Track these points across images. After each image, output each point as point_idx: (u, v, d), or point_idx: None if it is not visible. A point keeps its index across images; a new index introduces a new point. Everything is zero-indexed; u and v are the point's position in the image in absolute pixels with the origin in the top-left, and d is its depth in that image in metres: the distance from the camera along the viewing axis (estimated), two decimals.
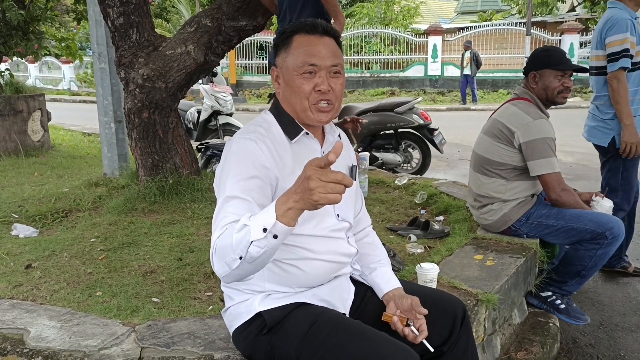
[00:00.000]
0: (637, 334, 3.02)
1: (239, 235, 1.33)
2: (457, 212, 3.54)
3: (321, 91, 1.60)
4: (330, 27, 1.66)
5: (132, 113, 3.74)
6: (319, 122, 1.66)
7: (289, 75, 1.62)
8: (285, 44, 1.64)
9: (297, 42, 1.62)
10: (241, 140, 1.60)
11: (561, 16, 23.54)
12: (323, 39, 1.63)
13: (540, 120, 2.86)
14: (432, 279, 2.22)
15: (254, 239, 1.30)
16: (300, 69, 1.59)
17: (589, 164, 7.61)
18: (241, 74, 20.17)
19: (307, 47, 1.60)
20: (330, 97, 1.62)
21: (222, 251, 1.37)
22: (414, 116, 6.20)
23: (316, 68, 1.59)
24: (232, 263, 1.35)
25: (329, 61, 1.61)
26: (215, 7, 3.69)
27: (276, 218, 1.29)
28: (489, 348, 2.46)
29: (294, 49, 1.61)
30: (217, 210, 1.50)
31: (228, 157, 1.59)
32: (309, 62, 1.59)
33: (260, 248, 1.31)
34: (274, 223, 1.29)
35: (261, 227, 1.30)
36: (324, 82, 1.60)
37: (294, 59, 1.61)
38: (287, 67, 1.62)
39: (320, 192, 1.25)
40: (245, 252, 1.31)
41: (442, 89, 18.80)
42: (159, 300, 2.32)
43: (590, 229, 2.74)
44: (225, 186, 1.52)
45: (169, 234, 3.15)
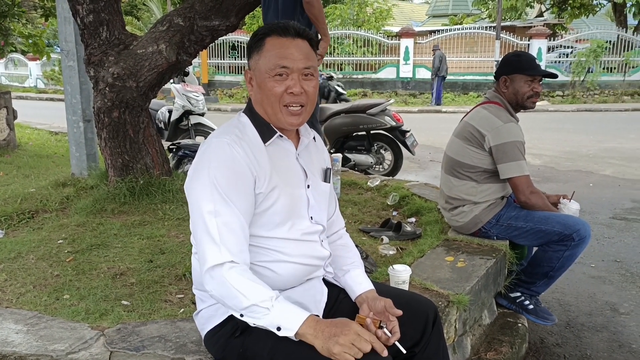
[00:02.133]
0: (603, 334, 3.09)
1: (256, 309, 1.44)
2: (429, 214, 3.57)
3: (293, 93, 1.59)
4: (303, 28, 1.65)
5: (101, 112, 3.67)
6: (290, 126, 1.66)
7: (261, 78, 1.61)
8: (258, 47, 1.63)
9: (269, 44, 1.61)
10: (217, 144, 1.58)
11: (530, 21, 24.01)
12: (295, 41, 1.62)
13: (510, 124, 2.90)
14: (404, 281, 2.24)
15: (262, 326, 1.46)
16: (272, 71, 1.59)
17: (556, 166, 7.78)
18: (213, 73, 20.02)
19: (279, 50, 1.59)
20: (302, 99, 1.61)
21: (229, 294, 1.47)
22: (386, 118, 6.24)
23: (288, 70, 1.59)
24: (230, 308, 1.49)
25: (301, 63, 1.60)
26: (188, 6, 3.65)
27: (294, 334, 1.43)
28: (459, 348, 2.49)
29: (266, 51, 1.61)
30: (204, 223, 1.52)
31: (205, 161, 1.57)
32: (281, 64, 1.58)
33: (260, 324, 1.46)
34: (290, 335, 1.44)
35: (277, 325, 1.44)
36: (296, 84, 1.59)
37: (266, 61, 1.60)
38: (260, 69, 1.61)
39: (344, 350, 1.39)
40: (249, 320, 1.47)
41: (413, 91, 18.98)
42: (128, 303, 2.28)
43: (557, 231, 2.79)
44: (205, 195, 1.53)
45: (139, 235, 3.10)
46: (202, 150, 1.61)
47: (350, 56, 19.81)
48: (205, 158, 1.57)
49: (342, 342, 1.39)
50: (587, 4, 23.23)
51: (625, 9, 21.05)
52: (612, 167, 7.69)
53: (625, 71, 19.03)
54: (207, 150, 1.59)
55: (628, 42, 19.26)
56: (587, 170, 7.54)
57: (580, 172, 7.40)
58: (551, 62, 19.96)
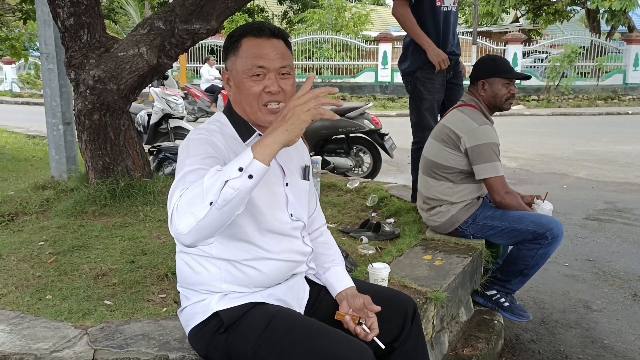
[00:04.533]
0: (576, 330, 3.18)
1: (211, 180, 1.34)
2: (407, 215, 3.64)
3: (271, 92, 1.63)
4: (278, 28, 1.69)
5: (82, 115, 3.68)
6: (269, 124, 1.69)
7: (239, 78, 1.64)
8: (234, 48, 1.66)
9: (245, 45, 1.64)
10: (196, 137, 1.62)
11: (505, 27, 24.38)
12: (271, 41, 1.65)
13: (485, 126, 2.98)
14: (383, 278, 2.29)
15: (228, 178, 1.32)
16: (249, 71, 1.62)
17: (531, 169, 7.93)
18: (191, 77, 19.93)
19: (255, 50, 1.63)
20: (280, 97, 1.64)
21: (188, 203, 1.35)
22: (365, 121, 6.31)
23: (265, 70, 1.62)
24: (201, 211, 1.33)
25: (277, 63, 1.63)
26: (169, 10, 3.67)
27: (253, 156, 1.34)
28: (437, 344, 2.55)
29: (242, 52, 1.64)
30: (175, 183, 1.48)
31: (185, 152, 1.59)
32: (257, 64, 1.61)
33: (233, 190, 1.32)
34: (250, 161, 1.34)
35: (237, 167, 1.33)
36: (273, 83, 1.62)
37: (243, 62, 1.63)
38: (237, 70, 1.65)
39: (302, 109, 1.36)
40: (218, 195, 1.32)
41: (392, 95, 19.11)
42: (111, 303, 2.30)
43: (531, 230, 2.87)
44: (184, 164, 1.52)
45: (120, 236, 3.11)
46: (182, 147, 1.64)
47: (329, 60, 19.89)
48: (185, 150, 1.59)
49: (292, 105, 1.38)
50: (561, 10, 23.69)
51: (599, 15, 21.51)
52: (585, 170, 7.86)
53: (598, 76, 19.42)
54: (187, 144, 1.61)
55: (601, 47, 19.66)
56: (561, 172, 7.70)
57: (554, 175, 7.55)
58: (526, 67, 20.29)
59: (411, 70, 3.96)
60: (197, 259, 1.69)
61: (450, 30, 3.94)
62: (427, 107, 3.89)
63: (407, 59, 3.98)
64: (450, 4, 3.89)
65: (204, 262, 1.67)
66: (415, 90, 3.91)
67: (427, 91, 3.88)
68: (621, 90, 19.26)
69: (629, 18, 21.13)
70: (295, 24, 24.37)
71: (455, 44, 4.01)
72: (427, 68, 3.86)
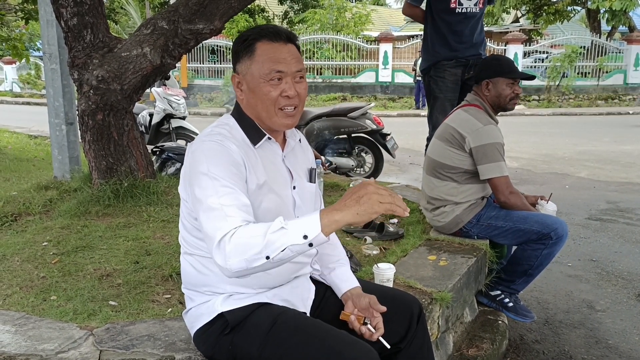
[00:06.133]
0: (580, 330, 3.18)
1: (273, 237, 1.38)
2: (411, 215, 3.63)
3: (288, 97, 1.63)
4: (292, 33, 1.69)
5: (85, 115, 3.67)
6: (285, 127, 1.70)
7: (255, 83, 1.63)
8: (249, 52, 1.64)
9: (261, 49, 1.63)
10: (208, 143, 1.60)
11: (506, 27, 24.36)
12: (287, 45, 1.65)
13: (490, 126, 2.98)
14: (388, 279, 2.29)
15: (290, 244, 1.38)
16: (267, 76, 1.61)
17: (533, 169, 7.93)
18: (192, 77, 19.93)
19: (273, 54, 1.62)
20: (295, 101, 1.65)
21: (245, 247, 1.39)
22: (367, 121, 6.31)
23: (283, 74, 1.62)
24: (255, 261, 1.39)
25: (294, 67, 1.63)
26: (172, 10, 3.67)
27: (321, 229, 1.38)
28: (442, 345, 2.54)
29: (259, 56, 1.62)
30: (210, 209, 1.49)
31: (199, 161, 1.57)
32: (276, 69, 1.61)
33: (292, 252, 1.39)
34: (317, 234, 1.38)
35: (302, 234, 1.37)
36: (291, 87, 1.62)
37: (260, 66, 1.62)
38: (252, 74, 1.63)
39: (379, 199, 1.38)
40: (277, 253, 1.38)
41: (392, 95, 19.13)
42: (116, 304, 2.30)
43: (536, 230, 2.87)
44: (208, 192, 1.52)
45: (124, 237, 3.11)
46: (192, 152, 1.63)
47: (329, 60, 19.89)
48: (199, 158, 1.58)
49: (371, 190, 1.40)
50: (561, 10, 23.67)
51: (599, 15, 21.50)
52: (587, 170, 7.86)
53: (599, 76, 19.42)
54: (199, 151, 1.60)
55: (602, 47, 19.67)
56: (563, 172, 7.70)
57: (556, 175, 7.55)
58: (527, 67, 20.29)
59: (424, 68, 4.05)
60: (202, 261, 1.69)
61: (467, 31, 3.97)
62: (437, 105, 3.95)
63: (422, 57, 4.12)
64: (470, 5, 3.91)
65: (208, 264, 1.67)
66: (429, 88, 4.01)
67: (439, 89, 3.93)
68: (622, 90, 19.26)
69: (630, 18, 21.12)
70: (296, 24, 24.35)
71: (476, 44, 4.04)
72: (439, 66, 3.90)
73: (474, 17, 3.99)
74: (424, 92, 4.39)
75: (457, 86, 3.97)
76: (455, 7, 3.91)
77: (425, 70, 4.11)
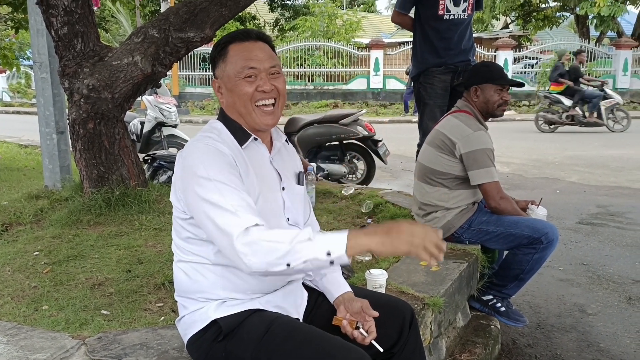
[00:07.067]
0: (572, 334, 3.19)
1: (298, 246, 1.41)
2: None
3: (264, 91, 1.67)
4: (262, 32, 1.75)
5: (76, 124, 3.67)
6: (266, 126, 1.72)
7: (231, 83, 1.67)
8: (222, 55, 1.70)
9: (233, 50, 1.68)
10: (199, 147, 1.62)
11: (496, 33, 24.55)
12: (258, 43, 1.70)
13: (480, 132, 3.00)
14: (381, 285, 2.29)
15: (313, 257, 1.41)
16: (241, 73, 1.66)
17: (524, 174, 7.97)
18: (184, 85, 19.92)
19: (244, 53, 1.67)
20: (274, 95, 1.69)
21: (268, 250, 1.43)
22: (358, 128, 6.33)
23: (256, 71, 1.66)
24: (276, 266, 1.42)
25: (267, 63, 1.68)
26: (163, 18, 3.68)
27: (345, 251, 1.40)
28: (435, 350, 2.55)
29: (231, 57, 1.68)
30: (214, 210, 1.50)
31: (192, 165, 1.59)
32: (248, 65, 1.66)
33: (312, 266, 1.42)
34: (341, 254, 1.40)
35: (326, 250, 1.40)
36: (265, 83, 1.67)
37: (233, 66, 1.67)
38: (228, 75, 1.68)
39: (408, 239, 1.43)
40: (299, 263, 1.41)
41: (384, 102, 19.18)
42: (108, 313, 2.30)
43: (527, 235, 2.89)
44: (207, 193, 1.53)
45: (116, 246, 3.11)
46: (185, 157, 1.64)
47: (320, 67, 19.95)
48: (194, 163, 1.59)
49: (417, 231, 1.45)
50: (550, 16, 23.89)
51: (588, 21, 21.69)
52: (577, 174, 7.91)
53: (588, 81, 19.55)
54: (193, 156, 1.61)
55: (591, 53, 19.84)
56: (553, 177, 7.74)
57: (547, 179, 7.60)
58: (517, 72, 20.42)
59: (414, 75, 4.08)
60: (195, 267, 1.69)
61: (456, 38, 4.00)
62: (427, 111, 3.97)
63: (412, 65, 4.13)
64: (458, 12, 3.94)
65: (201, 269, 1.67)
66: (419, 95, 4.03)
67: (429, 96, 3.96)
68: None
69: (618, 24, 21.31)
70: (287, 32, 24.40)
71: (465, 51, 4.07)
72: (428, 73, 3.93)
73: (462, 23, 4.02)
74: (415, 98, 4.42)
75: (446, 92, 4.00)
76: (443, 14, 3.94)
77: (414, 77, 4.15)
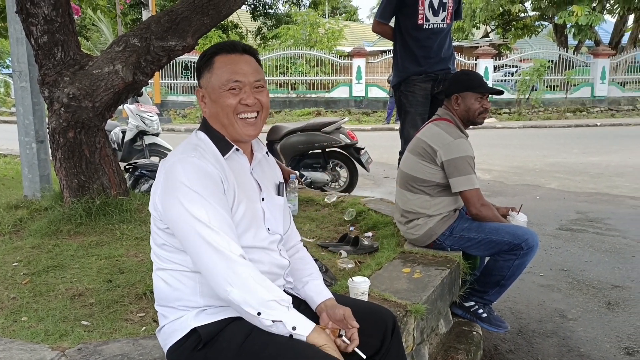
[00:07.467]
0: (553, 339, 3.23)
1: (276, 305, 1.54)
2: (385, 228, 3.66)
3: (247, 104, 1.69)
4: (248, 45, 1.77)
5: (56, 133, 3.64)
6: (248, 137, 1.74)
7: (215, 94, 1.69)
8: (208, 65, 1.72)
9: (219, 62, 1.71)
10: (186, 160, 1.63)
11: (476, 41, 24.83)
12: (244, 56, 1.73)
13: (460, 140, 3.03)
14: (363, 292, 2.30)
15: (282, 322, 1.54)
16: (225, 85, 1.68)
17: (505, 181, 8.05)
18: (166, 93, 19.81)
19: (230, 65, 1.69)
20: (257, 108, 1.72)
21: (251, 289, 1.53)
22: (341, 136, 6.35)
23: (240, 84, 1.69)
24: (249, 307, 1.52)
25: (252, 77, 1.71)
26: (144, 27, 3.67)
27: (308, 334, 1.55)
28: (417, 357, 2.56)
29: (217, 68, 1.70)
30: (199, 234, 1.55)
31: (178, 178, 1.60)
32: (233, 78, 1.68)
33: (276, 329, 1.54)
34: (303, 335, 1.55)
35: (293, 325, 1.54)
36: (249, 96, 1.69)
37: (218, 77, 1.69)
38: (213, 86, 1.70)
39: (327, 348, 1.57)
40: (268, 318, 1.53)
41: (366, 110, 19.26)
42: (88, 324, 2.27)
43: (507, 241, 2.92)
44: (193, 209, 1.56)
45: (97, 255, 3.07)
46: (168, 169, 1.64)
47: (303, 76, 20.00)
48: (178, 175, 1.60)
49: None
50: (529, 25, 24.24)
51: (566, 29, 22.02)
52: (557, 181, 8.02)
53: (567, 89, 19.88)
54: (175, 169, 1.62)
55: (569, 61, 20.15)
56: (534, 184, 7.83)
57: (527, 186, 7.68)
58: (497, 80, 20.66)
59: (395, 83, 4.11)
60: (174, 274, 1.69)
61: (436, 47, 4.05)
62: (409, 119, 4.01)
63: (393, 73, 4.16)
64: (437, 21, 3.99)
65: (180, 277, 1.67)
66: (400, 103, 4.07)
67: (410, 104, 4.00)
68: (589, 102, 19.75)
69: (596, 32, 21.67)
70: (269, 40, 24.45)
71: (445, 59, 4.12)
72: (409, 81, 3.97)
73: (441, 32, 4.08)
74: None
75: (427, 100, 4.05)
76: (423, 23, 4.00)
77: (395, 85, 4.19)
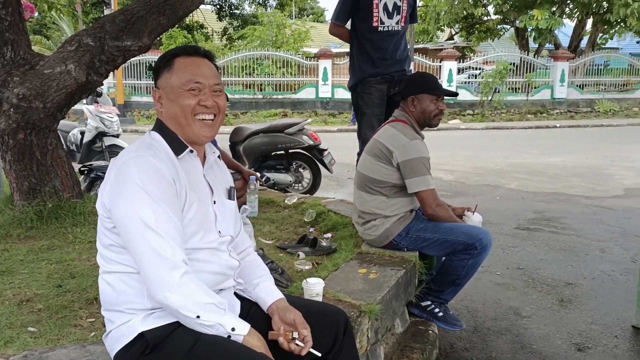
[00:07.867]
0: (507, 337, 3.28)
1: (214, 308, 1.55)
2: (344, 229, 3.67)
3: (206, 106, 1.70)
4: (209, 51, 1.79)
5: (6, 134, 3.54)
6: (205, 138, 1.74)
7: (174, 94, 1.69)
8: (168, 66, 1.72)
9: (179, 63, 1.71)
10: (139, 158, 1.62)
11: (441, 44, 25.15)
12: (204, 60, 1.75)
13: (416, 141, 3.06)
14: (317, 293, 2.30)
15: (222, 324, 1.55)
16: (186, 85, 1.69)
17: (467, 181, 8.16)
18: (129, 94, 19.50)
19: (191, 67, 1.71)
20: (214, 111, 1.73)
21: (190, 294, 1.54)
22: (303, 137, 6.36)
23: (201, 86, 1.70)
24: (188, 311, 1.53)
25: (212, 80, 1.72)
26: (98, 26, 3.59)
27: (245, 335, 1.57)
28: (373, 357, 2.57)
29: (178, 69, 1.70)
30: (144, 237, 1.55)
31: (130, 176, 1.58)
32: (194, 79, 1.69)
33: (215, 330, 1.55)
34: (241, 338, 1.57)
35: (231, 327, 1.56)
36: (208, 98, 1.71)
37: (179, 77, 1.69)
38: (172, 85, 1.70)
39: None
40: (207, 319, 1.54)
41: (333, 111, 19.31)
42: (35, 330, 2.21)
43: (462, 241, 2.96)
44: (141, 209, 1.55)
45: (47, 260, 3.00)
46: (120, 166, 1.62)
47: (269, 77, 19.95)
48: (130, 173, 1.59)
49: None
50: (492, 29, 24.66)
51: (527, 33, 22.49)
52: (517, 181, 8.17)
53: (528, 91, 20.31)
54: (129, 166, 1.60)
55: (530, 64, 20.59)
56: (494, 184, 7.97)
57: (488, 186, 7.81)
58: (462, 82, 20.99)
59: (352, 84, 4.14)
60: (120, 276, 1.66)
61: (391, 48, 4.10)
62: (365, 120, 4.04)
63: (350, 75, 4.19)
64: (391, 24, 4.04)
65: (126, 279, 1.65)
66: (357, 105, 4.10)
67: (366, 105, 4.03)
68: (549, 104, 20.22)
69: (555, 36, 22.18)
70: (235, 41, 24.30)
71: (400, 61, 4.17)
72: (365, 83, 4.00)
73: (396, 34, 4.14)
74: None
75: (383, 102, 4.09)
76: (378, 25, 4.06)
77: (352, 87, 4.23)
